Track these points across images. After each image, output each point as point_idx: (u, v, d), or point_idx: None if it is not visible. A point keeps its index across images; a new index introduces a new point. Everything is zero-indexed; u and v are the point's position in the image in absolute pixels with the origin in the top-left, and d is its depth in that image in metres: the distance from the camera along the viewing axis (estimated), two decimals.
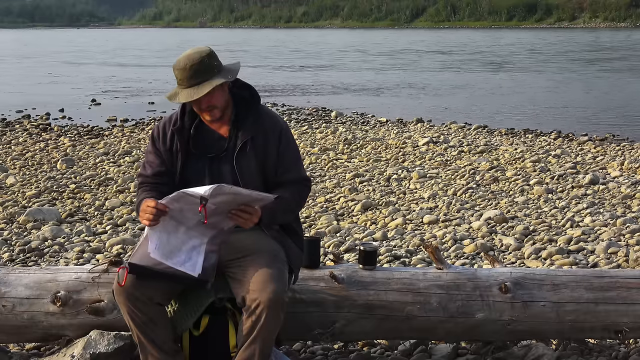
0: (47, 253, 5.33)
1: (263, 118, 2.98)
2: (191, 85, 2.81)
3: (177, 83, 2.86)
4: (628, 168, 8.58)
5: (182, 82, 2.83)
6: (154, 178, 2.98)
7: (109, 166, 8.93)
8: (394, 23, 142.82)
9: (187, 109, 2.98)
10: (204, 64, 2.82)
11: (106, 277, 3.08)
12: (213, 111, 2.87)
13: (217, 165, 2.93)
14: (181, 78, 2.82)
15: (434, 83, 22.73)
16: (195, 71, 2.81)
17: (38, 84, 23.03)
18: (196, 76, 2.81)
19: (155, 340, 2.76)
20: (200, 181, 2.90)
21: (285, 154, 2.97)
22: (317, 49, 48.19)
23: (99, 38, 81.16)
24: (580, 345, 3.38)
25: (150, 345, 2.76)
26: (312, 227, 6.16)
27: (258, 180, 2.93)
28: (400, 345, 3.52)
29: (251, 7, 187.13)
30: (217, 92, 2.85)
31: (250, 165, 2.91)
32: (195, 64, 2.81)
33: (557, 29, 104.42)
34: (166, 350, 2.79)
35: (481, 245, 5.36)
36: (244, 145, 2.90)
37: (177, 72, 2.85)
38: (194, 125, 2.96)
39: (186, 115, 2.98)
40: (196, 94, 2.79)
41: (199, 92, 2.79)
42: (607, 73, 26.57)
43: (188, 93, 2.81)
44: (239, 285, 2.76)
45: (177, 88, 2.87)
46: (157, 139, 2.99)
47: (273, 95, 18.91)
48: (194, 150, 2.94)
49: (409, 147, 10.20)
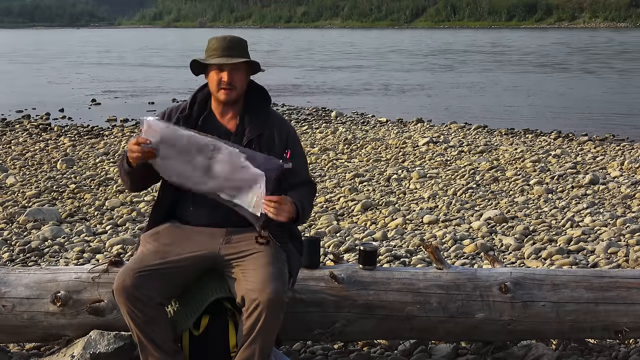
0: (47, 253, 5.33)
1: (272, 119, 3.00)
2: (225, 55, 2.87)
3: (209, 54, 2.91)
4: (628, 168, 8.58)
5: (216, 51, 2.89)
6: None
7: (109, 166, 8.93)
8: (394, 23, 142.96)
9: (198, 99, 3.01)
10: (243, 43, 2.95)
11: (106, 277, 3.08)
12: (231, 91, 2.90)
13: None
14: (217, 47, 2.89)
15: (433, 83, 22.73)
16: (235, 44, 2.91)
17: (38, 84, 23.04)
18: (234, 49, 2.89)
19: (155, 340, 2.76)
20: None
21: (291, 157, 2.96)
22: (317, 49, 48.18)
23: (99, 38, 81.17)
24: (580, 345, 3.38)
25: (151, 345, 2.76)
26: (312, 227, 6.16)
27: None
28: (400, 345, 3.52)
29: (251, 7, 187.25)
30: (242, 74, 2.92)
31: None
32: (235, 39, 2.93)
33: (557, 29, 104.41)
34: (166, 350, 2.79)
35: (481, 245, 5.36)
36: (250, 142, 2.91)
37: (214, 42, 2.92)
38: (203, 117, 2.97)
39: (196, 105, 3.00)
40: (229, 60, 2.86)
41: (232, 60, 2.86)
42: (607, 73, 26.56)
43: (220, 60, 2.87)
44: (239, 284, 2.76)
45: (208, 57, 2.91)
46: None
47: (273, 95, 18.81)
48: None
49: (409, 147, 10.20)
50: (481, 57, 37.48)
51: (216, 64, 2.87)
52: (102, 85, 22.35)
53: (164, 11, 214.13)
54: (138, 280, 2.70)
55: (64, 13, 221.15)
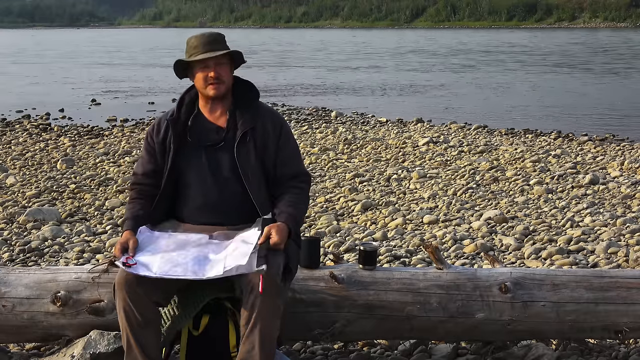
0: (47, 253, 5.32)
1: (262, 112, 3.01)
2: (207, 50, 2.89)
3: (190, 53, 2.93)
4: (628, 168, 8.58)
5: (197, 48, 2.91)
6: (144, 178, 3.03)
7: (109, 166, 8.93)
8: (394, 23, 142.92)
9: (186, 101, 3.02)
10: (221, 37, 2.97)
11: (106, 277, 3.07)
12: (220, 85, 2.91)
13: (214, 155, 2.95)
14: (197, 44, 2.91)
15: (433, 83, 22.72)
16: (213, 39, 2.93)
17: (38, 83, 23.03)
18: (213, 43, 2.92)
19: (144, 347, 2.72)
20: (196, 171, 2.92)
21: (285, 147, 2.99)
22: (317, 49, 48.17)
23: (99, 38, 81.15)
24: (580, 345, 3.38)
25: (138, 350, 2.72)
26: (312, 227, 6.16)
27: (258, 171, 2.95)
28: (400, 345, 3.52)
29: (251, 7, 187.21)
30: (227, 67, 2.94)
31: (250, 156, 2.93)
32: (213, 34, 2.95)
33: (557, 29, 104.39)
34: (153, 358, 2.76)
35: (481, 245, 5.35)
36: (244, 135, 2.92)
37: (193, 40, 2.94)
38: (192, 116, 2.99)
39: (184, 107, 3.01)
40: (214, 53, 2.88)
41: (216, 53, 2.88)
42: (607, 73, 26.55)
43: (203, 55, 2.89)
44: (237, 276, 2.75)
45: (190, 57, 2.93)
46: (151, 133, 3.04)
47: (273, 95, 18.90)
48: (190, 139, 2.96)
49: (409, 147, 10.20)
50: (482, 57, 37.46)
51: (201, 59, 2.88)
52: (102, 85, 22.35)
53: (164, 11, 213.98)
54: (140, 275, 2.70)
55: (64, 13, 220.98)
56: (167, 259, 2.74)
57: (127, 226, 2.92)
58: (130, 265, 2.69)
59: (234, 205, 2.94)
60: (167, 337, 2.91)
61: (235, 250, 2.76)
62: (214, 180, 2.93)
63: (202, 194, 2.95)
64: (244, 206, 2.93)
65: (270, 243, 2.76)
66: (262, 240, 2.76)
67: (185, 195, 2.98)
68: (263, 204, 2.94)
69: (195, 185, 2.96)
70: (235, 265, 2.69)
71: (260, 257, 2.69)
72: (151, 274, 2.68)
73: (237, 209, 2.94)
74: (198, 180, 2.95)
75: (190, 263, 2.73)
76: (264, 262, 2.67)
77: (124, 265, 2.70)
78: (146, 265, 2.72)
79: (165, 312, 2.88)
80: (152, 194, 2.99)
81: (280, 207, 2.92)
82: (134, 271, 2.68)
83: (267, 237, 2.77)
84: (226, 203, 2.94)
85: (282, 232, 2.81)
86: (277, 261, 2.77)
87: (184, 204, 3.00)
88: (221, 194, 2.94)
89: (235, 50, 2.96)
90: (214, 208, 2.93)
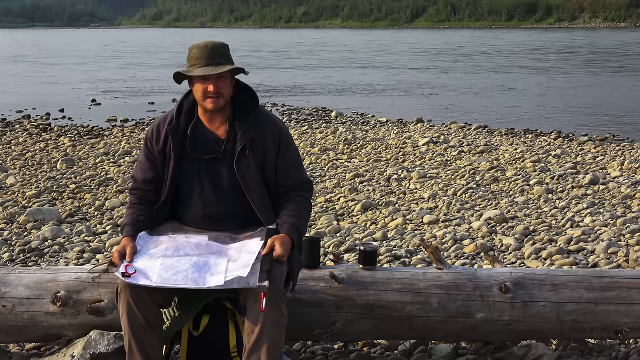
0: (47, 253, 5.32)
1: (262, 120, 2.94)
2: (208, 64, 2.81)
3: (191, 64, 2.84)
4: (628, 168, 8.58)
5: (199, 60, 2.82)
6: (144, 184, 2.99)
7: (109, 166, 8.93)
8: (393, 23, 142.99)
9: (184, 109, 2.95)
10: (225, 50, 2.88)
11: (106, 277, 3.08)
12: (218, 99, 2.84)
13: (214, 167, 2.90)
14: (199, 56, 2.82)
15: (433, 83, 22.72)
16: (216, 52, 2.84)
17: (38, 83, 23.03)
18: (216, 57, 2.82)
19: (146, 348, 2.69)
20: (195, 183, 2.89)
21: (285, 156, 2.94)
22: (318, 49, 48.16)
23: (99, 38, 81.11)
24: (580, 345, 3.38)
25: (140, 353, 2.69)
26: (312, 227, 6.15)
27: (259, 182, 2.91)
28: (400, 345, 3.52)
29: (251, 7, 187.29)
30: (227, 81, 2.86)
31: (250, 168, 2.88)
32: (216, 46, 2.85)
33: (557, 29, 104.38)
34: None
35: (481, 245, 5.36)
36: (244, 147, 2.87)
37: (195, 51, 2.84)
38: (191, 126, 2.92)
39: (182, 114, 2.94)
40: (214, 70, 2.80)
41: (217, 69, 2.80)
42: (608, 73, 26.55)
43: (204, 70, 2.81)
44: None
45: (191, 67, 2.84)
46: (150, 139, 2.97)
47: (273, 95, 18.90)
48: (190, 151, 2.91)
49: (409, 147, 10.19)
50: (481, 57, 37.46)
51: (200, 75, 2.81)
52: (102, 85, 22.34)
53: (164, 11, 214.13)
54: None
55: (64, 13, 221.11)
56: (167, 266, 2.69)
57: (127, 232, 2.89)
58: (129, 274, 2.65)
59: (237, 216, 2.92)
60: (167, 337, 2.91)
61: (238, 261, 2.72)
62: (215, 191, 2.90)
63: (203, 204, 2.92)
64: (246, 217, 2.91)
65: (273, 255, 2.73)
66: (265, 251, 2.73)
67: (186, 205, 2.95)
68: (267, 214, 2.91)
69: (196, 196, 2.92)
70: (236, 277, 2.65)
71: (263, 272, 2.64)
72: (151, 284, 2.64)
73: (239, 220, 2.92)
74: (199, 191, 2.91)
75: (190, 270, 2.67)
76: (266, 278, 2.62)
77: (123, 276, 2.64)
78: (145, 274, 2.67)
79: (166, 312, 2.88)
80: (152, 200, 2.96)
81: (282, 218, 2.89)
82: (133, 281, 2.63)
83: (271, 249, 2.74)
84: (228, 214, 2.91)
85: (286, 245, 2.78)
86: (280, 276, 2.74)
87: (184, 213, 2.97)
88: (223, 205, 2.91)
89: (238, 67, 2.86)
90: (216, 218, 2.91)
